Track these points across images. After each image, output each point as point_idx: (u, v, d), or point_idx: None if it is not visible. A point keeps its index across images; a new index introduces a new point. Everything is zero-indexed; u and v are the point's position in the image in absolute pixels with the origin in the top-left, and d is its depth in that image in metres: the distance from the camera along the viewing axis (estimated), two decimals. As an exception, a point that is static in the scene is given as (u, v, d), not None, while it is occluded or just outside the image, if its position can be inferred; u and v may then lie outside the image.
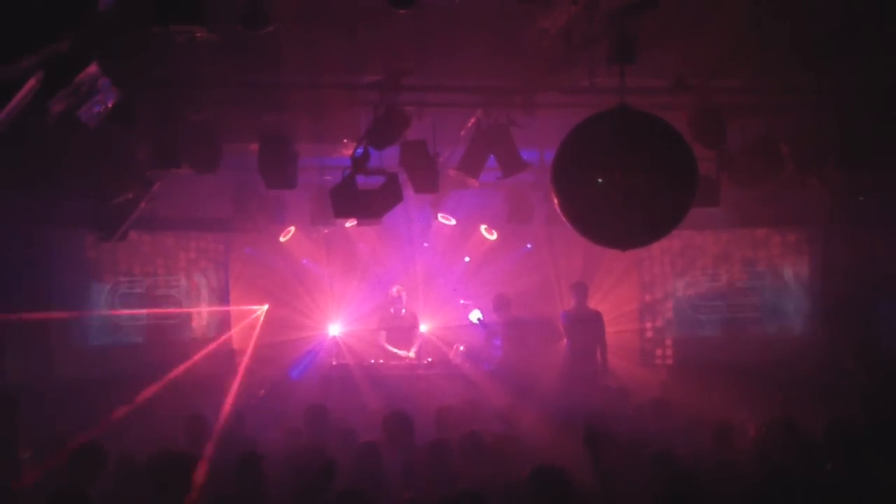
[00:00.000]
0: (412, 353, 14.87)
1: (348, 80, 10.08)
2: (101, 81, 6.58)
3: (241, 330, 15.14)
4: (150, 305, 14.32)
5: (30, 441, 9.94)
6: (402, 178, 11.00)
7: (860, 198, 12.62)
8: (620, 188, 7.36)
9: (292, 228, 15.02)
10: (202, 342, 14.66)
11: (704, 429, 9.65)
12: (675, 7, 7.91)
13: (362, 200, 11.00)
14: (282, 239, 15.09)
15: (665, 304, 15.49)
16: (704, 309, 15.43)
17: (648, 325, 15.57)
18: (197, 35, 6.25)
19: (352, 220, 12.94)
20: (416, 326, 15.19)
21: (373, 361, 14.45)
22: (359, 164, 10.64)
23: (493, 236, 15.77)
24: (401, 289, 15.10)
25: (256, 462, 8.10)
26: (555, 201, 7.81)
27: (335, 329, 15.25)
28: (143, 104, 8.53)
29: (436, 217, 15.02)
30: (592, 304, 14.38)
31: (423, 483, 8.30)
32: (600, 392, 13.05)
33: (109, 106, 7.05)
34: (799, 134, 11.02)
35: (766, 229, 15.23)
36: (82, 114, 6.74)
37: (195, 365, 14.41)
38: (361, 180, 10.86)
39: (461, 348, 14.76)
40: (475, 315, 14.65)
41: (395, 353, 14.75)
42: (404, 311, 15.09)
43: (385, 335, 14.99)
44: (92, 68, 6.34)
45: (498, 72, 9.96)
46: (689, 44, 8.97)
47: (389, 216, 11.41)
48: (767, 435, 8.96)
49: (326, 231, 14.96)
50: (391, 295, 15.08)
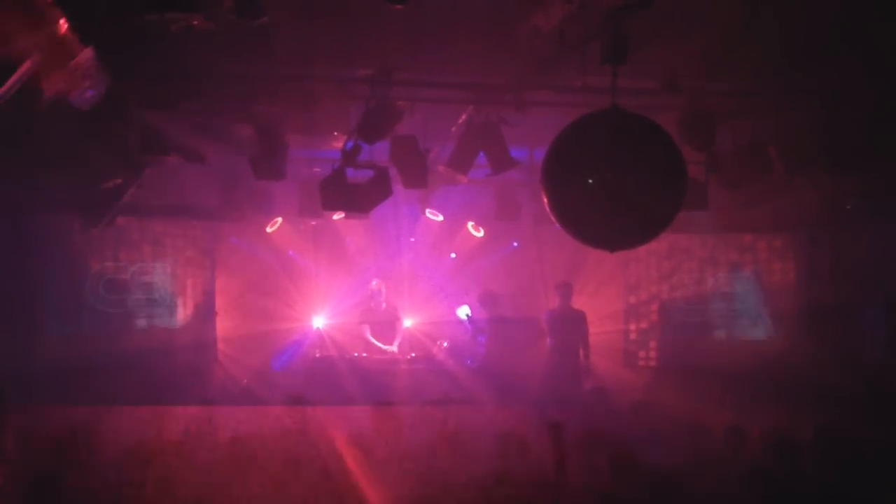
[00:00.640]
0: (394, 348, 14.87)
1: (340, 74, 10.08)
2: (95, 67, 6.58)
3: (224, 319, 15.11)
4: (136, 292, 14.29)
5: (13, 428, 9.92)
6: (392, 172, 11.01)
7: (847, 206, 12.67)
8: (610, 189, 7.38)
9: (279, 219, 15.01)
10: (187, 330, 14.65)
11: (684, 431, 9.67)
12: (667, 8, 7.92)
13: (351, 194, 11.01)
14: (269, 230, 15.08)
15: (650, 307, 15.53)
16: (689, 312, 15.47)
17: (633, 326, 15.59)
18: (192, 23, 6.26)
19: (340, 213, 12.94)
20: (398, 320, 15.19)
21: (356, 354, 14.46)
22: (349, 157, 10.65)
23: (480, 233, 15.78)
24: (380, 283, 15.09)
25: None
26: (544, 200, 7.83)
27: (319, 321, 15.24)
28: (135, 91, 8.52)
29: (423, 212, 15.02)
30: (577, 304, 14.37)
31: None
32: (583, 393, 13.07)
33: (102, 91, 7.04)
34: (788, 137, 11.05)
35: (753, 234, 15.28)
36: (74, 98, 6.74)
37: (179, 353, 14.43)
38: (351, 173, 10.87)
39: (445, 344, 14.77)
40: (464, 311, 14.65)
41: (378, 347, 14.75)
42: (384, 305, 15.08)
43: (369, 329, 14.98)
44: (87, 53, 6.34)
45: (490, 69, 9.97)
46: (681, 45, 8.98)
47: (377, 210, 11.41)
48: (749, 438, 9.00)
49: (314, 223, 14.95)
50: (371, 289, 15.08)
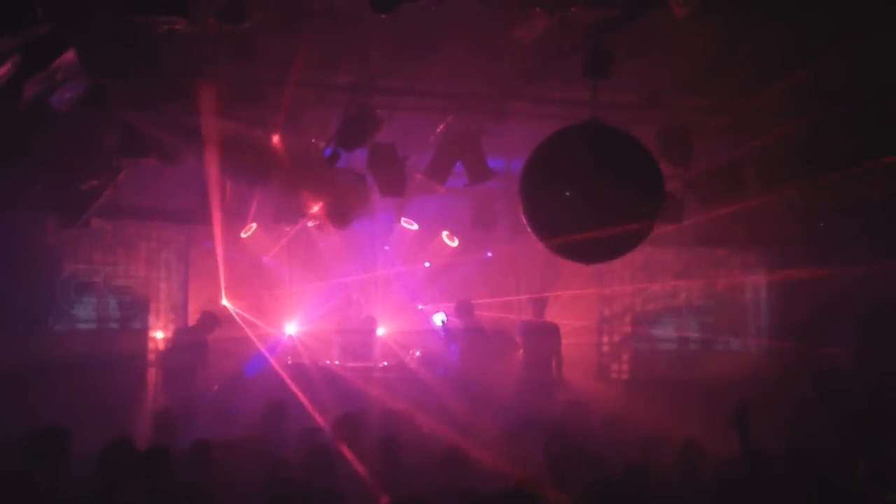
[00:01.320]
0: (372, 361, 14.82)
1: (321, 80, 10.07)
2: (77, 67, 6.56)
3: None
4: (109, 294, 14.22)
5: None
6: (369, 180, 11.02)
7: (821, 224, 12.76)
8: (587, 202, 7.40)
9: (254, 225, 14.96)
10: (158, 333, 14.61)
11: (656, 444, 9.71)
12: (648, 25, 7.96)
13: (327, 201, 11.02)
14: (243, 235, 15.02)
15: (623, 319, 15.58)
16: (662, 325, 15.54)
17: (606, 338, 15.64)
18: (176, 26, 6.25)
19: (315, 219, 12.92)
20: (374, 331, 15.18)
21: (328, 362, 14.44)
22: (327, 163, 10.64)
23: (455, 243, 15.78)
24: (360, 296, 15.11)
25: (206, 450, 8.12)
26: (521, 211, 7.84)
27: (292, 328, 15.21)
28: (115, 92, 8.49)
29: (398, 221, 15.02)
30: (551, 315, 14.40)
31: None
32: (556, 406, 13.09)
33: (81, 93, 7.02)
34: (763, 155, 11.12)
35: (727, 249, 15.38)
36: (54, 99, 6.72)
37: (149, 355, 14.39)
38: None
39: (417, 353, 14.78)
40: (439, 317, 14.65)
41: (342, 356, 14.75)
42: (364, 316, 15.09)
43: (341, 339, 14.94)
44: (69, 54, 6.32)
45: (471, 79, 9.98)
46: (661, 61, 9.03)
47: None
48: (707, 452, 9.07)
49: (288, 229, 14.92)
50: (350, 298, 15.09)
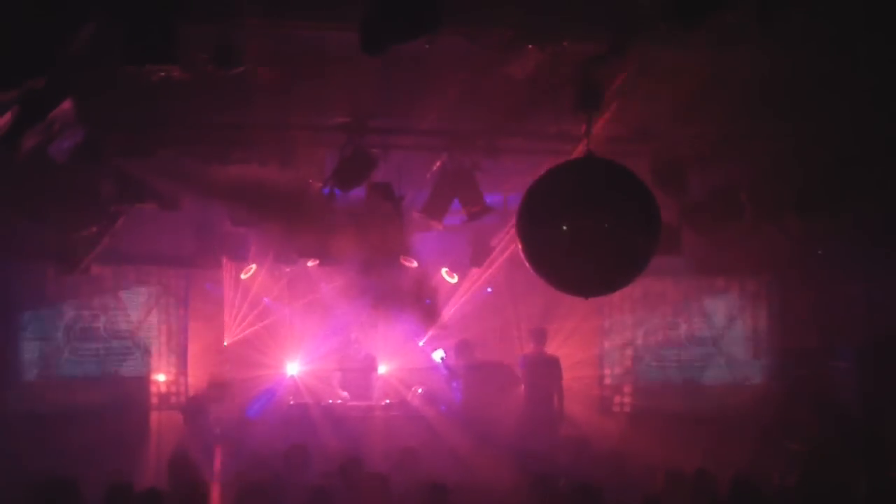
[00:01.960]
0: (371, 400, 14.84)
1: (316, 122, 10.13)
2: (73, 117, 6.61)
3: (197, 367, 15.03)
4: (110, 339, 14.22)
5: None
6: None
7: (819, 251, 12.78)
8: (584, 235, 7.41)
9: (254, 266, 14.98)
10: (160, 376, 14.60)
11: (658, 477, 9.71)
12: (639, 57, 8.01)
13: (326, 240, 11.05)
14: (243, 276, 15.04)
15: (624, 352, 15.55)
16: (664, 357, 15.51)
17: (607, 371, 15.59)
18: (172, 74, 6.30)
19: (314, 259, 12.95)
20: (373, 370, 15.19)
21: (331, 402, 14.44)
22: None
23: (454, 280, 15.78)
24: (359, 335, 15.12)
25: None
26: (518, 246, 7.87)
27: (294, 368, 15.19)
28: (111, 140, 8.55)
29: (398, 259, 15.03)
30: (551, 349, 14.39)
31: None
32: (559, 442, 13.09)
33: (79, 141, 7.07)
34: (758, 183, 11.15)
35: (725, 278, 15.38)
36: (52, 149, 6.77)
37: (150, 401, 14.37)
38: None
39: (419, 390, 14.77)
40: (438, 354, 14.65)
41: (342, 396, 14.77)
42: (363, 354, 15.10)
43: (339, 377, 14.98)
44: (66, 105, 6.37)
45: (464, 116, 10.03)
46: (653, 93, 9.07)
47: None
48: (719, 482, 9.07)
49: (288, 270, 14.94)
50: (349, 338, 15.11)
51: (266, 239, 13.19)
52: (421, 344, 15.29)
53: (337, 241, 11.59)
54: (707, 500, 8.94)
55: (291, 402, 14.50)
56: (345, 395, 14.81)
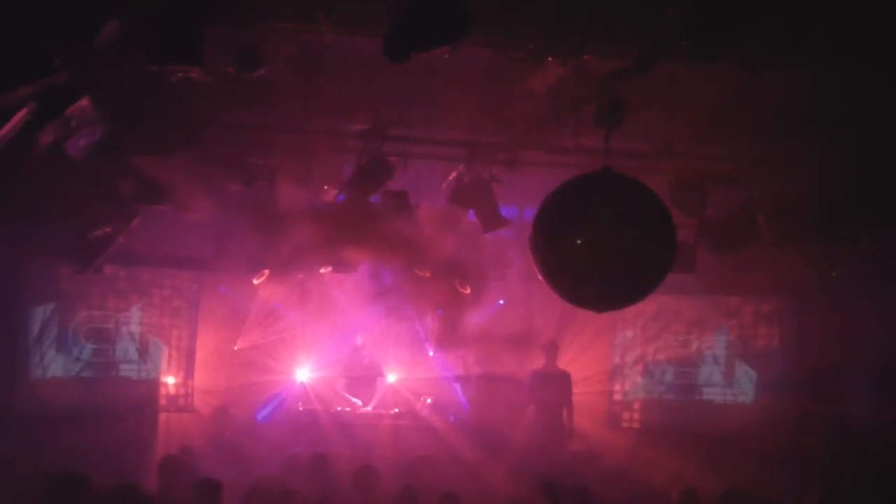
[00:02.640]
0: (370, 407, 14.85)
1: (335, 128, 10.13)
2: (91, 115, 6.61)
3: (206, 370, 15.04)
4: (122, 340, 14.23)
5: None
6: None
7: (833, 273, 12.72)
8: (599, 250, 7.37)
9: (267, 271, 14.97)
10: (170, 378, 14.60)
11: (665, 495, 9.68)
12: (661, 74, 7.98)
13: (339, 248, 11.05)
14: (256, 282, 15.02)
15: (635, 368, 15.51)
16: (674, 374, 15.46)
17: (618, 387, 15.55)
18: (191, 75, 6.29)
19: (328, 266, 12.94)
20: (379, 377, 15.18)
21: (339, 409, 14.43)
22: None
23: (467, 291, 15.73)
24: (365, 339, 15.10)
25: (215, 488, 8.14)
26: (533, 259, 7.84)
27: (304, 374, 15.18)
28: (130, 139, 8.53)
29: (411, 268, 15.00)
30: (562, 363, 14.37)
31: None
32: (568, 455, 13.06)
33: (96, 140, 7.07)
34: (777, 204, 11.11)
35: (740, 298, 15.32)
36: (69, 146, 6.76)
37: (159, 402, 14.37)
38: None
39: (429, 400, 14.75)
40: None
41: (351, 401, 14.77)
42: (367, 361, 15.10)
43: (344, 383, 14.98)
44: (83, 102, 6.36)
45: (483, 127, 10.02)
46: (674, 111, 9.05)
47: (364, 264, 11.42)
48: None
49: (301, 276, 14.92)
50: (355, 344, 15.10)
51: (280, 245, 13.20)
52: (432, 354, 15.27)
53: (350, 248, 11.59)
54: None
55: (300, 408, 14.49)
56: (357, 401, 14.81)
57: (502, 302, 15.74)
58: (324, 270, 13.66)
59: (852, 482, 10.23)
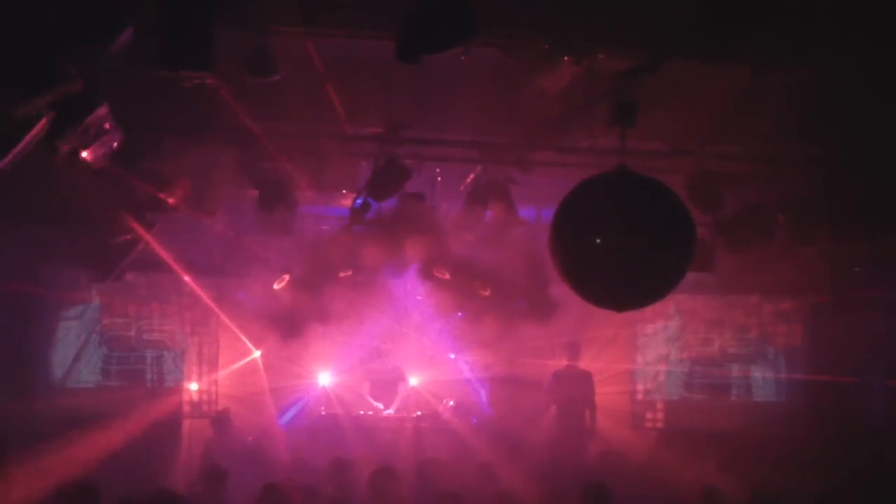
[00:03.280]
0: (391, 410, 14.88)
1: (350, 131, 10.14)
2: (108, 123, 6.65)
3: (229, 376, 15.09)
4: (142, 348, 14.29)
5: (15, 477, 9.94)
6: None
7: (855, 269, 12.67)
8: (618, 249, 7.36)
9: (287, 276, 14.99)
10: (192, 385, 14.66)
11: (689, 495, 9.66)
12: (674, 73, 7.98)
13: (359, 251, 11.06)
14: (276, 286, 15.04)
15: (657, 367, 15.49)
16: (696, 373, 15.44)
17: (640, 387, 15.55)
18: (206, 81, 6.32)
19: (347, 270, 12.96)
20: (401, 380, 15.19)
21: (361, 413, 14.45)
22: (357, 214, 10.69)
23: (487, 292, 15.71)
24: (388, 343, 15.13)
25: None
26: (552, 260, 7.83)
27: (325, 378, 15.21)
28: (146, 146, 8.59)
29: (430, 271, 15.00)
30: (584, 363, 14.35)
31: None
32: (591, 455, 13.04)
33: (114, 147, 7.11)
34: (795, 202, 11.08)
35: (760, 297, 15.28)
36: (88, 154, 6.80)
37: (181, 409, 14.42)
38: (359, 230, 10.92)
39: (451, 403, 14.76)
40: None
41: (373, 405, 14.79)
42: (389, 365, 15.12)
43: (369, 387, 15.00)
44: (101, 110, 6.41)
45: (498, 129, 10.02)
46: (688, 109, 9.03)
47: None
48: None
49: (321, 280, 14.92)
50: (378, 348, 15.12)
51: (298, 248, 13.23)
52: (453, 357, 15.28)
53: (369, 251, 11.61)
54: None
55: (322, 413, 14.52)
56: (378, 405, 14.84)
57: (522, 304, 15.68)
58: (343, 274, 13.69)
59: (869, 483, 10.18)
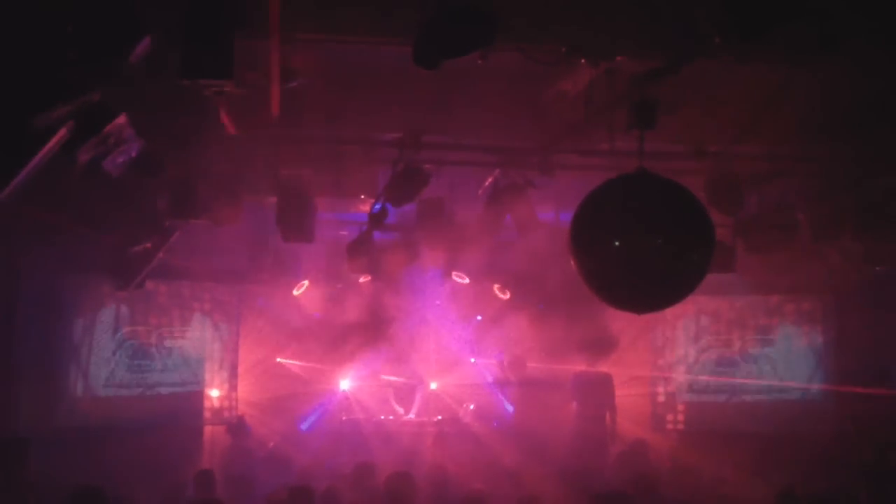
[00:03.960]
0: (412, 415, 14.91)
1: (368, 137, 10.15)
2: (128, 132, 6.66)
3: (250, 382, 15.13)
4: (163, 355, 14.33)
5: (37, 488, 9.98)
6: (419, 235, 11.07)
7: (877, 268, 12.61)
8: (637, 252, 7.35)
9: (306, 282, 15.03)
10: (214, 391, 14.70)
11: (713, 496, 9.64)
12: (694, 75, 7.95)
13: (378, 257, 11.07)
14: (295, 292, 15.09)
15: (678, 369, 15.45)
16: (717, 375, 15.40)
17: (660, 389, 15.51)
18: (224, 89, 6.32)
19: (366, 275, 12.98)
20: (420, 385, 15.21)
21: (382, 417, 14.47)
22: (376, 220, 10.70)
23: (506, 296, 15.75)
24: (408, 348, 15.15)
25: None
26: (572, 262, 7.82)
27: (346, 384, 15.23)
28: (165, 154, 8.61)
29: (450, 275, 15.03)
30: (603, 366, 14.33)
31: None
32: (612, 458, 13.03)
33: (134, 156, 7.13)
34: (816, 202, 11.05)
35: (781, 297, 15.24)
36: (107, 164, 6.82)
37: (203, 416, 14.47)
38: (378, 236, 10.92)
39: (471, 406, 14.76)
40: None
41: (394, 410, 14.86)
42: (409, 369, 15.15)
43: (393, 392, 15.03)
44: (120, 119, 6.42)
45: (517, 132, 10.00)
46: (708, 110, 9.01)
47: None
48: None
49: (340, 286, 14.97)
50: (398, 353, 15.15)
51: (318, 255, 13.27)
52: (473, 361, 15.28)
53: (388, 257, 11.63)
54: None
55: (344, 418, 14.54)
56: (400, 410, 14.87)
57: (542, 306, 15.68)
58: (363, 280, 13.72)
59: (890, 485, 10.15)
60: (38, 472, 10.71)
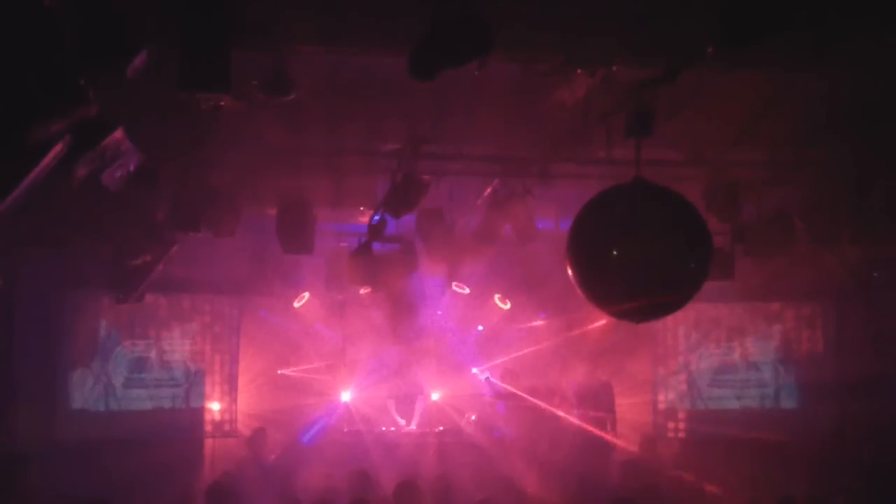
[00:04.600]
0: (413, 426, 14.90)
1: (367, 148, 10.16)
2: (125, 145, 6.67)
3: (250, 395, 15.10)
4: (163, 368, 14.33)
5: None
6: (418, 246, 11.07)
7: (874, 273, 12.64)
8: (635, 261, 7.35)
9: (307, 294, 15.01)
10: (214, 404, 14.69)
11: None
12: (691, 82, 7.96)
13: (378, 268, 11.07)
14: (296, 304, 15.07)
15: (678, 377, 15.44)
16: (718, 382, 15.38)
17: (661, 397, 15.49)
18: (221, 102, 6.33)
19: (366, 287, 12.97)
20: (420, 395, 15.19)
21: (384, 429, 14.45)
22: (375, 231, 10.71)
23: (507, 306, 15.73)
24: (408, 359, 15.14)
25: None
26: (570, 272, 7.82)
27: (347, 395, 15.20)
28: (164, 167, 8.62)
29: (450, 285, 15.02)
30: (604, 375, 14.31)
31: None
32: (614, 466, 13.01)
33: (132, 169, 7.12)
34: (813, 208, 11.05)
35: (781, 303, 15.23)
36: (105, 177, 6.81)
37: (204, 429, 14.45)
38: (377, 247, 10.92)
39: (473, 417, 14.74)
40: (483, 375, 14.66)
41: (395, 421, 14.85)
42: (410, 380, 15.13)
43: (394, 404, 15.02)
44: (118, 133, 6.42)
45: (515, 142, 10.01)
46: (705, 117, 9.01)
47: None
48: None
49: (341, 297, 14.94)
50: (400, 365, 15.14)
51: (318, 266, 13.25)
52: (475, 371, 15.26)
53: (388, 268, 11.62)
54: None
55: (345, 430, 14.52)
56: (401, 421, 14.86)
57: (543, 315, 15.66)
58: (363, 291, 13.70)
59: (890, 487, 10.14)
60: (37, 488, 10.70)
